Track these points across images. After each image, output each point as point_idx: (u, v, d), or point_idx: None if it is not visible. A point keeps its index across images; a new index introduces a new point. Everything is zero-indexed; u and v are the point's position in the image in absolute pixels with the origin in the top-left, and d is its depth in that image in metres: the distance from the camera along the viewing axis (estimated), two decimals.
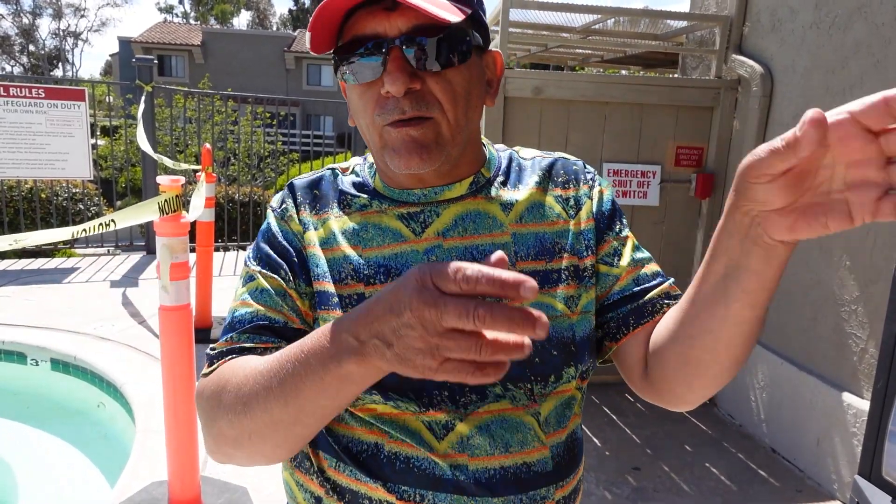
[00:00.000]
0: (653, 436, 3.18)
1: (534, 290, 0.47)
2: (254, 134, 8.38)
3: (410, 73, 0.69)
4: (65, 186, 6.44)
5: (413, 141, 0.71)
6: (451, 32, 0.70)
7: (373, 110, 0.73)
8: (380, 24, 0.70)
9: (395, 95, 0.69)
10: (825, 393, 2.76)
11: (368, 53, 0.70)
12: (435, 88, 0.71)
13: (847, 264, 2.71)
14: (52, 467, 2.99)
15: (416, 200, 0.80)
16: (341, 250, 0.79)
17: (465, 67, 0.73)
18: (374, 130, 0.74)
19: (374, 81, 0.71)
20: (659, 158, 3.58)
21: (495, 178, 0.83)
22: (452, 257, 0.77)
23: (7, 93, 5.32)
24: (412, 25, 0.69)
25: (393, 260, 0.77)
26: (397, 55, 0.69)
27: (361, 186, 0.83)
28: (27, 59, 43.39)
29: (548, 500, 0.76)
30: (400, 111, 0.70)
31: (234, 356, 0.74)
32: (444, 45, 0.70)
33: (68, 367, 3.55)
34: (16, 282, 5.10)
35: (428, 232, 0.78)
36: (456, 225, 0.78)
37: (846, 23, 2.73)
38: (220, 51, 29.73)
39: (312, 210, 0.82)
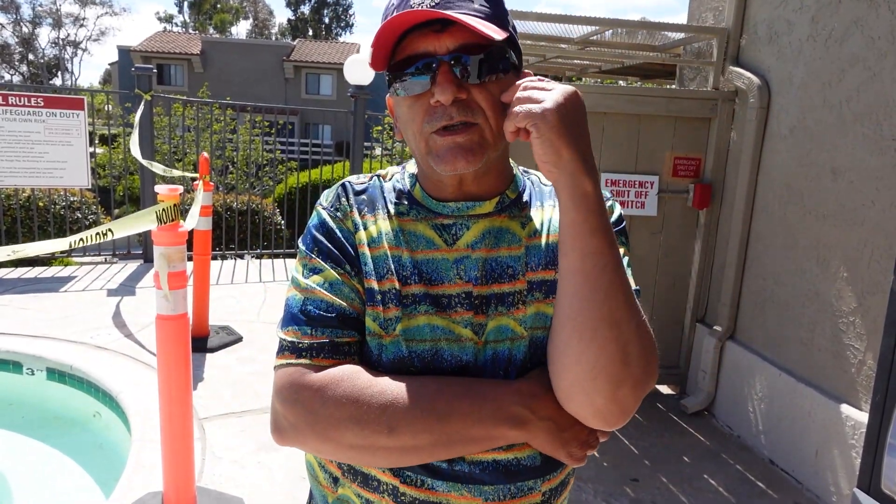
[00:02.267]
0: (651, 447, 3.17)
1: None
2: (252, 142, 8.40)
3: (457, 85, 0.78)
4: (63, 195, 6.44)
5: (458, 146, 0.79)
6: (492, 50, 0.79)
7: (422, 119, 0.80)
8: (430, 44, 0.79)
9: (444, 104, 0.77)
10: (824, 405, 2.76)
11: (420, 72, 0.79)
12: (479, 98, 0.79)
13: (845, 276, 2.72)
14: (47, 477, 2.96)
15: (449, 213, 0.87)
16: (384, 249, 0.86)
17: (505, 81, 0.81)
18: (420, 138, 0.81)
19: (424, 94, 0.80)
20: (657, 169, 3.59)
21: (519, 199, 0.91)
22: (478, 268, 0.84)
23: (6, 101, 5.32)
24: (459, 44, 0.78)
25: (426, 265, 0.85)
26: (446, 69, 0.77)
27: (401, 194, 0.90)
28: (27, 67, 43.48)
29: (534, 491, 0.83)
30: (448, 118, 0.78)
31: (329, 353, 0.81)
32: (486, 60, 0.79)
33: (64, 376, 3.53)
34: (12, 290, 5.08)
35: (459, 243, 0.85)
36: (483, 238, 0.86)
37: (843, 36, 2.75)
38: (219, 60, 29.83)
39: (361, 212, 0.89)
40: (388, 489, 0.82)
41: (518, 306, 0.83)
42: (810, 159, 2.94)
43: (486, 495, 0.80)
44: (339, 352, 0.81)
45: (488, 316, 0.83)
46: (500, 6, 0.82)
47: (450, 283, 0.84)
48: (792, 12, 3.08)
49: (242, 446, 2.85)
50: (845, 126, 2.73)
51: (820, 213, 2.87)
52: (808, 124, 2.97)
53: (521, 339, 0.82)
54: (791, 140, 3.08)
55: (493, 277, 0.84)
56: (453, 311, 0.83)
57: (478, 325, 0.82)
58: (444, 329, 0.82)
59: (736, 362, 3.41)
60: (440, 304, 0.83)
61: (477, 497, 0.80)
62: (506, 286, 0.84)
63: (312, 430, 0.78)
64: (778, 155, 3.18)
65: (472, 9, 0.78)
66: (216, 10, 51.21)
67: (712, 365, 3.52)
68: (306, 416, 0.78)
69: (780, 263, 3.14)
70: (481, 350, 0.82)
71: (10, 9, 41.34)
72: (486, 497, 0.80)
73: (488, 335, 0.82)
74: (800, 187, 3.01)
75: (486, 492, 0.80)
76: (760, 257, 3.30)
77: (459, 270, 0.84)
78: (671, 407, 3.66)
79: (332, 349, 0.81)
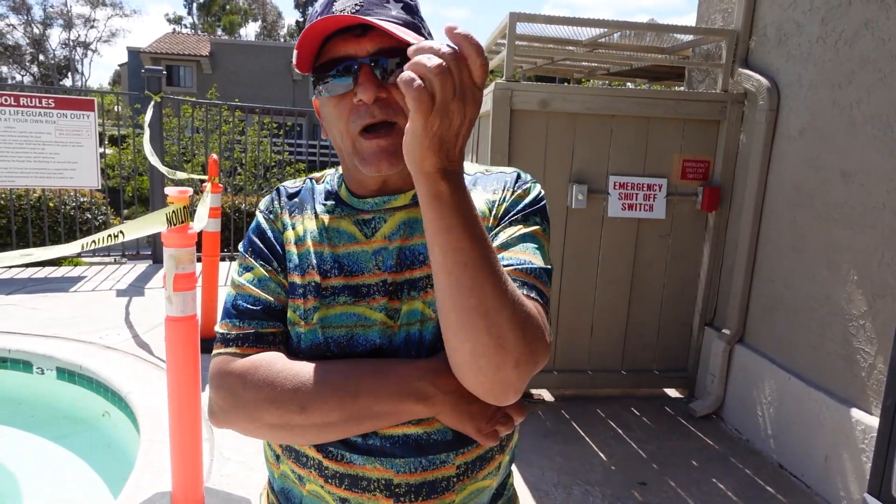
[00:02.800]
0: (659, 450, 3.16)
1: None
2: (260, 144, 8.43)
3: (378, 85, 0.83)
4: (73, 195, 6.48)
5: (382, 150, 0.84)
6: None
7: (347, 118, 0.86)
8: (352, 48, 0.84)
9: (367, 102, 0.83)
10: (833, 409, 2.74)
11: (342, 73, 0.85)
12: (399, 98, 0.84)
13: (855, 279, 2.70)
14: (56, 476, 2.98)
15: (368, 208, 0.93)
16: (308, 247, 0.93)
17: None
18: (347, 138, 0.87)
19: (347, 94, 0.85)
20: (665, 171, 3.58)
21: None
22: (394, 257, 0.90)
23: (17, 102, 5.37)
24: (378, 48, 0.84)
25: (347, 258, 0.91)
26: (367, 70, 0.83)
27: (329, 194, 0.98)
28: (37, 68, 43.81)
29: (447, 465, 0.87)
30: (370, 115, 0.83)
31: (253, 342, 0.89)
32: (404, 63, 0.81)
33: (74, 375, 3.55)
34: (23, 290, 5.12)
35: (377, 235, 0.92)
36: (399, 229, 0.91)
37: (853, 38, 2.73)
38: (228, 61, 29.95)
39: (291, 213, 0.97)
40: (314, 464, 0.89)
41: (427, 290, 0.88)
42: (820, 162, 2.93)
43: (397, 468, 0.85)
44: (264, 341, 0.89)
45: (402, 301, 0.88)
46: (415, 14, 0.89)
47: (369, 273, 0.90)
48: (801, 14, 3.07)
49: (250, 447, 2.86)
50: (855, 128, 2.72)
51: (830, 216, 2.85)
52: (817, 126, 2.95)
53: (430, 320, 0.87)
54: (801, 142, 3.06)
55: (407, 264, 0.89)
56: (371, 299, 0.88)
57: (393, 309, 0.88)
58: (359, 316, 0.88)
59: (745, 366, 3.39)
60: (359, 294, 0.89)
61: (389, 469, 0.85)
62: (417, 272, 0.89)
63: (236, 412, 0.86)
64: (787, 157, 3.16)
65: (390, 16, 0.85)
66: (225, 12, 51.44)
67: (721, 368, 3.50)
68: (231, 399, 0.86)
69: (790, 266, 3.12)
70: (396, 333, 0.87)
71: (22, 10, 41.69)
72: (397, 469, 0.85)
73: (402, 318, 0.88)
74: (809, 190, 2.99)
75: (398, 464, 0.85)
76: (769, 260, 3.28)
77: (378, 261, 0.90)
78: (679, 410, 3.65)
79: (256, 339, 0.89)
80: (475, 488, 0.91)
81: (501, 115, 3.36)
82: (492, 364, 0.73)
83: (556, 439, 3.22)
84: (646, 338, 3.77)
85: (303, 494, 0.92)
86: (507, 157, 3.40)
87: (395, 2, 0.87)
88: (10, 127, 5.38)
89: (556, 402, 3.69)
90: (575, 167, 3.51)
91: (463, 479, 0.89)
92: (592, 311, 3.68)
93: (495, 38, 3.92)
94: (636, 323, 3.74)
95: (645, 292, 3.71)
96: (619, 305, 3.70)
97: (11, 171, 5.46)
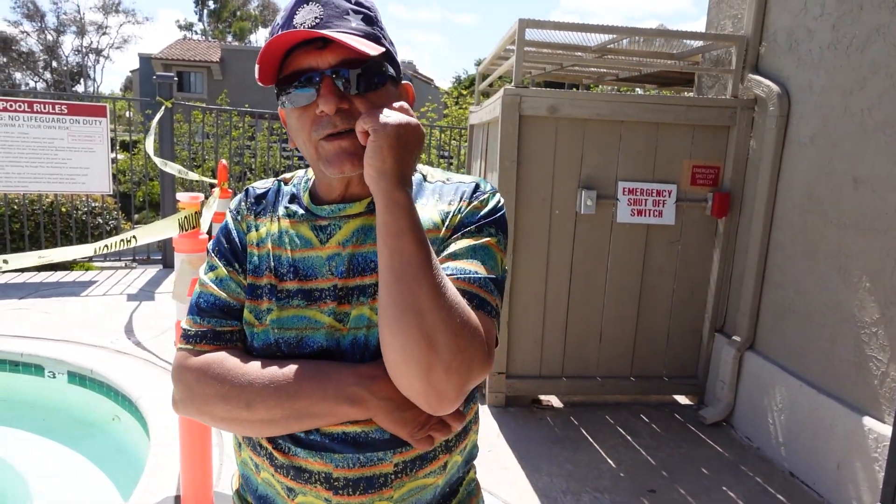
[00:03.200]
0: (669, 458, 3.14)
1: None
2: (270, 149, 8.48)
3: (339, 96, 0.86)
4: (85, 200, 6.54)
5: (343, 151, 0.87)
6: (370, 65, 0.88)
7: (310, 128, 0.88)
8: (313, 60, 0.86)
9: (329, 113, 0.86)
10: (845, 417, 2.71)
11: (305, 84, 0.87)
12: (360, 107, 0.87)
13: (867, 286, 2.68)
14: (66, 479, 3.00)
15: (325, 215, 0.96)
16: (268, 249, 0.97)
17: (383, 91, 0.90)
18: (310, 145, 0.90)
19: (310, 105, 0.88)
20: (675, 177, 3.57)
21: None
22: (345, 263, 0.93)
23: (31, 109, 5.43)
24: (339, 60, 0.86)
25: (302, 262, 0.94)
26: (329, 82, 0.86)
27: (293, 198, 1.01)
28: (50, 74, 44.29)
29: (385, 462, 0.90)
30: (332, 126, 0.86)
31: (211, 339, 0.94)
32: (364, 74, 0.88)
33: (84, 380, 3.58)
34: (35, 294, 5.17)
35: (331, 241, 0.95)
36: (353, 236, 0.94)
37: (864, 43, 2.72)
38: (238, 67, 30.16)
39: (257, 215, 1.01)
40: (266, 454, 0.94)
41: (376, 297, 0.90)
42: (831, 168, 2.91)
43: (336, 462, 0.89)
44: (220, 339, 0.94)
45: (352, 305, 0.91)
46: (375, 25, 0.91)
47: (322, 278, 0.93)
48: (812, 20, 3.06)
49: None
50: (867, 134, 2.70)
51: (841, 223, 2.84)
52: (828, 132, 2.93)
53: (376, 326, 0.89)
54: (811, 148, 3.05)
55: (358, 271, 0.92)
56: (322, 303, 0.92)
57: (342, 313, 0.91)
58: (309, 319, 0.92)
59: (755, 373, 3.37)
60: (311, 298, 0.92)
61: (329, 464, 0.90)
62: (367, 278, 0.91)
63: (192, 404, 0.92)
64: (798, 163, 3.15)
65: (349, 27, 0.87)
66: (235, 19, 51.82)
67: (731, 375, 3.48)
68: (186, 392, 0.92)
69: (801, 273, 3.10)
70: (344, 336, 0.91)
71: (36, 17, 42.18)
72: (336, 464, 0.89)
73: (350, 323, 0.91)
74: (820, 196, 2.97)
75: (337, 459, 0.89)
76: (780, 267, 3.26)
77: (331, 266, 0.93)
78: (689, 417, 3.63)
79: (213, 336, 0.94)
80: (415, 486, 0.93)
81: (510, 121, 3.36)
82: (422, 365, 0.76)
83: (564, 446, 3.21)
84: (655, 344, 3.75)
85: (258, 482, 0.98)
86: (516, 162, 3.40)
87: (354, 14, 0.88)
88: (24, 133, 5.44)
89: (564, 409, 3.68)
90: (584, 173, 3.51)
91: (401, 477, 0.92)
92: (601, 317, 3.67)
93: (504, 44, 3.93)
94: (645, 329, 3.72)
95: (654, 298, 3.69)
96: (629, 311, 3.68)
97: (25, 177, 5.52)
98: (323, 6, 0.87)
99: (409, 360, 0.77)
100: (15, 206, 6.21)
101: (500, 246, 0.94)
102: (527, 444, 3.21)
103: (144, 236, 2.08)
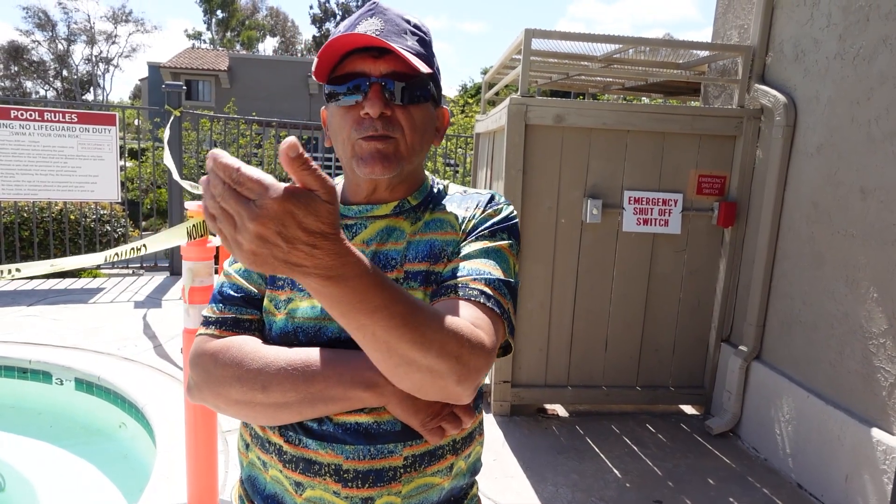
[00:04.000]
0: (675, 468, 3.13)
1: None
2: (277, 157, 8.53)
3: (384, 103, 0.92)
4: (93, 208, 6.58)
5: (378, 152, 0.92)
6: (416, 81, 0.94)
7: (350, 128, 0.93)
8: (368, 66, 0.93)
9: (373, 116, 0.91)
10: (853, 428, 2.70)
11: (354, 88, 0.93)
12: (401, 117, 0.94)
13: (875, 296, 2.67)
14: (72, 486, 3.01)
15: (353, 215, 1.01)
16: None
17: (423, 108, 0.97)
18: (348, 144, 0.94)
19: (356, 106, 0.93)
20: (681, 187, 3.57)
21: (420, 206, 1.03)
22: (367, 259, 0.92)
23: (42, 117, 5.49)
24: (390, 70, 0.92)
25: None
26: (377, 88, 0.92)
27: None
28: (60, 83, 44.70)
29: (395, 455, 0.92)
30: (373, 129, 0.92)
31: (231, 326, 0.96)
32: (410, 88, 0.94)
33: (91, 387, 3.59)
34: (43, 301, 5.20)
35: (356, 239, 0.98)
36: (377, 236, 0.99)
37: (871, 54, 2.72)
38: (246, 76, 30.35)
39: None
40: (275, 449, 0.95)
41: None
42: (838, 178, 2.90)
43: (346, 454, 0.90)
44: (240, 326, 0.97)
45: None
46: (428, 48, 0.97)
47: None
48: (819, 30, 3.06)
49: None
50: (874, 145, 2.70)
51: (848, 233, 2.83)
52: (835, 143, 2.93)
53: None
54: (818, 159, 3.04)
55: (379, 266, 0.95)
56: None
57: None
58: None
59: (762, 383, 3.35)
60: None
61: (339, 455, 0.90)
62: (388, 274, 0.93)
63: (207, 387, 0.92)
64: (804, 173, 3.14)
65: (406, 45, 0.93)
66: (244, 28, 52.22)
67: (738, 386, 3.46)
68: (203, 375, 0.92)
69: (808, 283, 3.09)
70: None
71: (47, 27, 42.63)
72: (346, 455, 0.90)
73: None
74: (827, 206, 2.97)
75: (347, 451, 0.90)
76: (787, 277, 3.25)
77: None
78: (695, 427, 3.61)
79: (234, 323, 0.97)
80: (423, 482, 0.94)
81: (516, 130, 3.38)
82: (435, 388, 0.78)
83: (570, 455, 3.20)
84: (661, 353, 3.74)
85: (266, 480, 0.98)
86: (522, 171, 3.41)
87: (411, 34, 0.95)
88: (34, 141, 5.49)
89: (570, 418, 3.67)
90: (590, 182, 3.51)
91: (410, 472, 0.93)
92: (607, 326, 3.66)
93: (511, 53, 3.95)
94: (651, 338, 3.71)
95: (660, 308, 3.68)
96: (635, 321, 3.68)
97: (35, 185, 5.57)
98: (385, 22, 0.94)
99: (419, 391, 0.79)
100: (25, 214, 6.27)
101: (513, 251, 0.98)
102: (532, 453, 3.20)
103: (154, 245, 2.10)
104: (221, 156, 0.58)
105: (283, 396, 0.86)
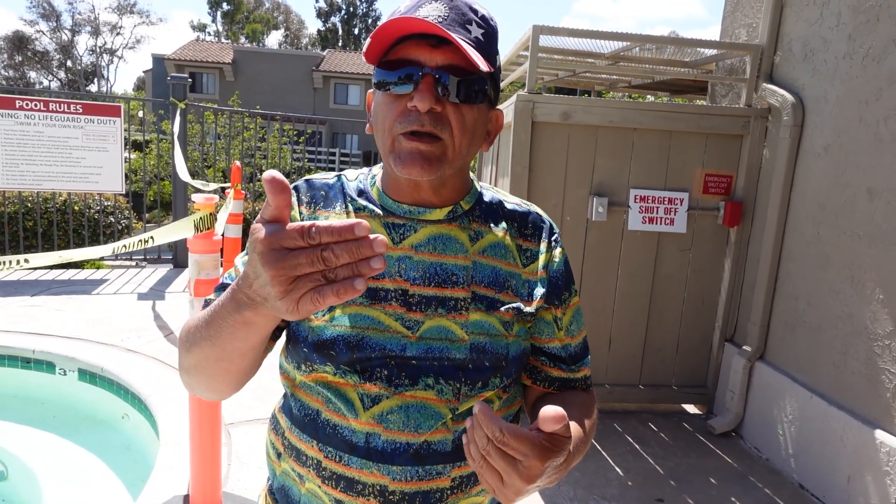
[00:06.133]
0: (677, 467, 3.13)
1: (367, 229, 0.56)
2: (281, 151, 8.52)
3: (436, 97, 0.83)
4: (97, 199, 6.59)
5: (420, 153, 0.84)
6: (474, 78, 0.86)
7: (395, 118, 0.86)
8: (423, 55, 0.84)
9: (420, 110, 0.83)
10: (856, 429, 2.69)
11: (407, 76, 0.84)
12: (451, 115, 0.85)
13: (880, 298, 2.66)
14: (75, 476, 3.02)
15: (402, 214, 0.93)
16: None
17: (477, 109, 0.88)
18: (389, 136, 0.87)
19: (404, 96, 0.85)
20: (687, 185, 3.56)
21: (472, 211, 0.97)
22: (420, 270, 0.90)
23: (47, 108, 5.49)
24: (447, 63, 0.84)
25: None
26: (430, 80, 0.83)
27: (361, 193, 0.96)
28: (65, 74, 44.71)
29: (443, 476, 0.88)
30: (419, 123, 0.84)
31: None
32: (467, 85, 0.85)
33: (95, 377, 3.60)
34: (47, 292, 5.21)
35: (405, 243, 0.91)
36: (428, 242, 0.91)
37: (881, 54, 2.71)
38: (250, 69, 30.35)
39: (312, 207, 0.95)
40: (313, 463, 0.90)
41: (461, 312, 0.89)
42: (845, 179, 2.89)
43: (393, 475, 0.86)
44: None
45: (426, 315, 0.88)
46: (492, 44, 0.88)
47: (388, 278, 0.89)
48: (828, 30, 3.05)
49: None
50: (882, 145, 2.69)
51: (855, 234, 2.82)
52: (843, 143, 2.92)
53: (461, 341, 0.88)
54: (826, 159, 3.03)
55: (436, 281, 0.90)
56: (387, 304, 0.88)
57: (411, 321, 0.88)
58: (372, 319, 0.88)
59: (765, 383, 3.35)
60: (376, 297, 0.89)
61: (385, 476, 0.86)
62: (447, 291, 0.89)
63: (179, 364, 0.90)
64: (811, 173, 3.13)
65: (469, 37, 0.84)
66: (248, 20, 52.16)
67: (741, 385, 3.46)
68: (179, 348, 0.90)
69: (813, 284, 3.08)
70: (414, 344, 0.88)
71: (52, 17, 42.63)
72: (393, 476, 0.86)
73: (424, 332, 0.88)
74: (834, 207, 2.96)
75: (394, 472, 0.86)
76: (792, 277, 3.24)
77: (399, 268, 0.89)
78: (698, 427, 3.61)
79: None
80: (468, 503, 0.92)
81: (523, 127, 3.37)
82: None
83: None
84: (665, 352, 3.74)
85: (301, 493, 0.93)
86: (528, 168, 3.40)
87: (477, 26, 0.86)
88: (39, 132, 5.49)
89: None
90: (596, 180, 3.50)
91: (457, 493, 0.89)
92: (611, 325, 3.66)
93: (518, 49, 3.94)
94: (655, 337, 3.71)
95: (665, 307, 3.68)
96: (639, 319, 3.67)
97: (39, 175, 5.57)
98: (450, 9, 0.84)
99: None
100: (29, 205, 6.27)
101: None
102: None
103: (161, 237, 2.10)
104: (484, 414, 0.67)
105: (201, 352, 0.81)
